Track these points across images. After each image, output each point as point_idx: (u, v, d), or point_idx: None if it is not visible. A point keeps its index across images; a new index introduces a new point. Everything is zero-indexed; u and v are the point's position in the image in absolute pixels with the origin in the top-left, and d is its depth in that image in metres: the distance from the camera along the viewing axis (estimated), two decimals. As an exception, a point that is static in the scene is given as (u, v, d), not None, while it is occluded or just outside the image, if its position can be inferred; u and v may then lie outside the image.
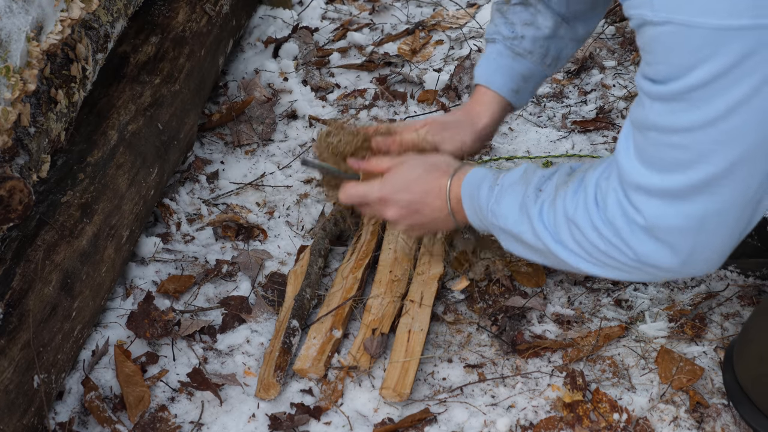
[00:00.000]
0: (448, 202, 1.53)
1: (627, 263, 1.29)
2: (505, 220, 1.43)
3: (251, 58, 2.59)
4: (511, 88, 1.72)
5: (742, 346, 1.49)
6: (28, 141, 1.58)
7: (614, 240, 1.28)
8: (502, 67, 1.71)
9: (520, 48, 1.70)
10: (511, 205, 1.43)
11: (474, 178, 1.51)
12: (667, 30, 1.11)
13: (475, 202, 1.49)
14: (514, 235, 1.43)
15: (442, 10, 2.75)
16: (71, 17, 1.63)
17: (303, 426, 1.63)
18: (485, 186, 1.48)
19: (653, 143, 1.20)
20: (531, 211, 1.39)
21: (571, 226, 1.33)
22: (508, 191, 1.44)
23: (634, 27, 1.18)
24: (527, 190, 1.41)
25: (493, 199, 1.45)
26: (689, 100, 1.13)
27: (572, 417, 1.58)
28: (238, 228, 2.05)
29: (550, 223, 1.36)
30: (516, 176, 1.45)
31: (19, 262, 1.59)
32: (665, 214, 1.22)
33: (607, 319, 1.77)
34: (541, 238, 1.38)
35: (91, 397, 1.66)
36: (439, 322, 1.80)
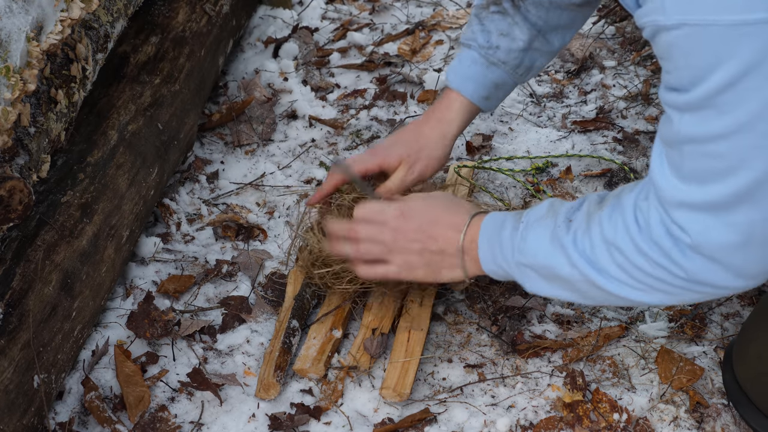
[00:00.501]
0: (462, 238, 1.50)
1: (677, 284, 1.25)
2: (535, 255, 1.39)
3: (251, 58, 2.59)
4: (482, 95, 1.74)
5: (741, 346, 1.49)
6: (28, 141, 1.58)
7: (662, 261, 1.23)
8: (476, 74, 1.72)
9: (494, 57, 1.71)
10: (541, 239, 1.38)
11: (494, 220, 1.48)
12: (683, 33, 1.09)
13: (494, 243, 1.45)
14: (545, 270, 1.39)
15: (442, 10, 2.75)
16: (71, 17, 1.63)
17: (303, 426, 1.63)
18: (508, 226, 1.44)
19: (689, 156, 1.16)
20: (564, 241, 1.34)
21: (612, 250, 1.28)
22: (534, 226, 1.40)
23: (649, 37, 1.15)
24: (557, 221, 1.37)
25: (519, 236, 1.41)
26: (718, 105, 1.10)
27: (572, 417, 1.59)
28: (238, 228, 2.05)
29: (587, 250, 1.32)
30: (542, 211, 1.41)
31: (19, 262, 1.59)
32: (711, 228, 1.18)
33: (607, 319, 1.77)
34: (579, 267, 1.33)
35: (91, 397, 1.66)
36: (439, 322, 1.80)
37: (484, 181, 2.12)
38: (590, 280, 1.33)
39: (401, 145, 1.73)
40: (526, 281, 1.43)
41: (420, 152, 1.72)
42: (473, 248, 1.49)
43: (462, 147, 2.22)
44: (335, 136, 2.31)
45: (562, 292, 1.41)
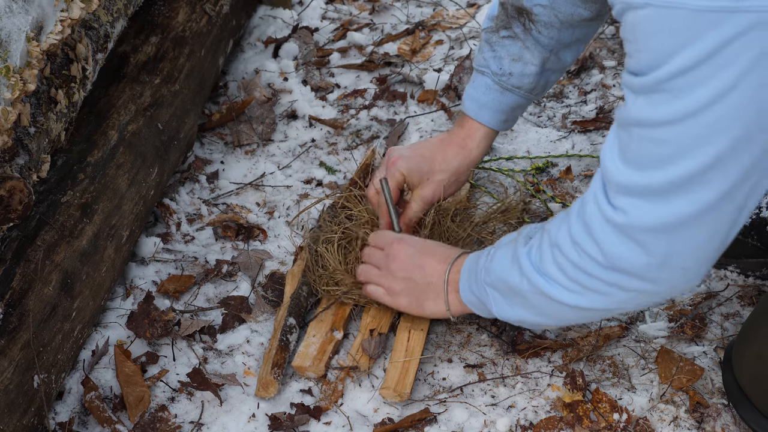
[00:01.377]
0: (448, 271, 1.58)
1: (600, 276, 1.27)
2: (496, 272, 1.46)
3: (251, 58, 2.59)
4: (500, 120, 1.76)
5: (740, 347, 1.49)
6: (28, 141, 1.58)
7: (585, 244, 1.26)
8: (492, 102, 1.74)
9: (508, 84, 1.72)
10: (503, 257, 1.46)
11: (477, 253, 1.56)
12: (648, 13, 1.08)
13: (472, 270, 1.53)
14: (502, 284, 1.45)
15: (442, 10, 2.75)
16: (71, 17, 1.63)
17: (303, 426, 1.63)
18: (483, 255, 1.52)
19: (636, 139, 1.17)
20: (519, 253, 1.41)
21: (554, 251, 1.33)
22: (502, 248, 1.48)
23: (617, 16, 1.15)
24: (518, 241, 1.45)
25: (489, 258, 1.49)
26: (670, 90, 1.10)
27: (572, 417, 1.59)
28: (238, 228, 2.05)
29: (536, 258, 1.37)
30: (512, 236, 1.50)
31: (19, 262, 1.59)
32: (644, 213, 1.19)
33: (607, 319, 1.77)
34: (527, 275, 1.38)
35: (91, 397, 1.66)
36: (439, 321, 1.80)
37: (484, 181, 2.12)
38: (537, 288, 1.38)
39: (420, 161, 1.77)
40: (491, 303, 1.50)
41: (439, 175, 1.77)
42: (456, 279, 1.57)
43: (462, 147, 2.22)
44: (335, 136, 2.31)
45: (521, 311, 1.47)
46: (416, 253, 1.63)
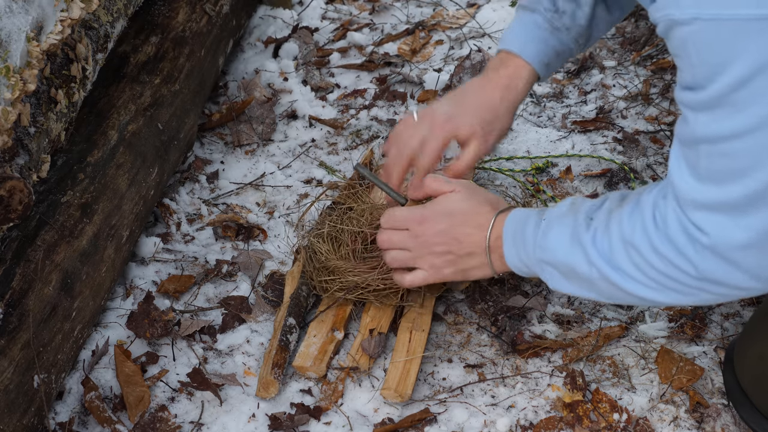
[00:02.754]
0: (488, 238, 1.49)
1: (691, 284, 1.24)
2: (554, 252, 1.39)
3: (251, 58, 2.59)
4: (543, 61, 1.67)
5: (742, 347, 1.49)
6: (28, 141, 1.58)
7: (676, 259, 1.23)
8: (539, 40, 1.65)
9: (559, 22, 1.65)
10: (561, 236, 1.38)
11: (518, 217, 1.47)
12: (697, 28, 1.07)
13: (518, 240, 1.45)
14: (565, 267, 1.39)
15: (442, 10, 2.75)
16: (71, 17, 1.63)
17: (303, 426, 1.63)
18: (530, 223, 1.43)
19: (705, 156, 1.15)
20: (583, 239, 1.34)
21: (628, 249, 1.28)
22: (555, 223, 1.40)
23: (663, 33, 1.13)
24: (577, 219, 1.37)
25: (540, 233, 1.41)
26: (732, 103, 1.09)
27: (572, 417, 1.59)
28: (238, 228, 2.05)
29: (605, 248, 1.31)
30: (563, 208, 1.41)
31: (19, 262, 1.59)
32: (726, 228, 1.16)
33: (607, 319, 1.77)
34: (597, 266, 1.33)
35: (91, 397, 1.66)
36: (439, 322, 1.80)
37: (484, 181, 2.12)
38: (607, 279, 1.33)
39: (471, 115, 1.65)
40: (548, 278, 1.44)
41: (493, 124, 1.65)
42: (499, 245, 1.49)
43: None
44: (335, 136, 2.31)
45: (582, 291, 1.41)
46: (446, 227, 1.53)
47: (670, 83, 2.31)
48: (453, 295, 1.84)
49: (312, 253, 1.85)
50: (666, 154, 2.12)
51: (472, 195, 1.55)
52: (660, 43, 2.44)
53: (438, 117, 1.66)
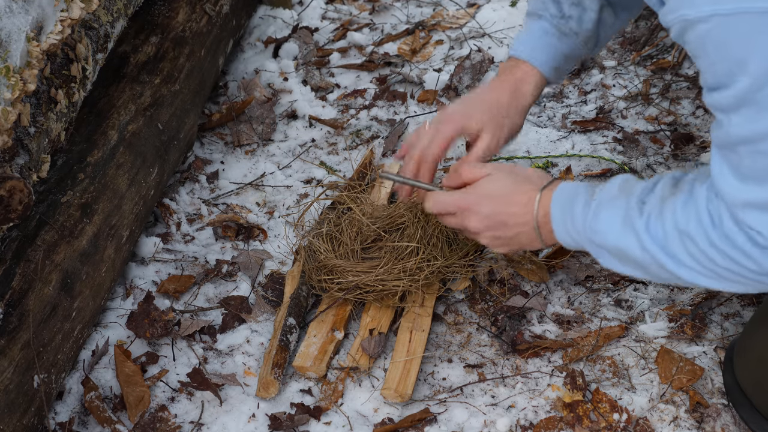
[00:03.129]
0: (535, 217, 1.47)
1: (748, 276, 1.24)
2: (605, 235, 1.38)
3: (251, 58, 2.59)
4: (553, 66, 1.68)
5: (742, 348, 1.49)
6: (28, 141, 1.58)
7: (735, 255, 1.22)
8: (547, 45, 1.67)
9: (566, 28, 1.66)
10: (612, 220, 1.37)
11: (565, 193, 1.45)
12: (715, 24, 1.06)
13: (567, 217, 1.43)
14: (617, 251, 1.38)
15: (442, 10, 2.75)
16: (71, 17, 1.63)
17: (303, 426, 1.63)
18: (579, 201, 1.42)
19: (745, 156, 1.15)
20: (636, 224, 1.33)
21: (684, 239, 1.27)
22: (606, 206, 1.38)
23: (677, 36, 1.12)
24: (629, 203, 1.35)
25: (591, 214, 1.39)
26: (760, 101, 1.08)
27: (572, 417, 1.59)
28: (238, 228, 2.05)
29: (659, 235, 1.31)
30: (614, 190, 1.39)
31: (19, 262, 1.59)
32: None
33: (607, 319, 1.77)
34: (650, 252, 1.32)
35: (91, 397, 1.66)
36: (439, 322, 1.80)
37: (484, 181, 2.12)
38: (661, 265, 1.32)
39: (481, 110, 1.66)
40: (599, 258, 1.43)
41: (503, 120, 1.66)
42: (547, 221, 1.47)
43: (462, 147, 2.22)
44: (335, 136, 2.31)
45: (634, 272, 1.40)
46: (491, 213, 1.52)
47: (670, 83, 2.31)
48: (453, 295, 1.84)
49: (311, 252, 1.86)
50: (666, 154, 2.12)
51: (510, 174, 1.54)
52: (660, 43, 2.44)
53: (447, 112, 1.67)
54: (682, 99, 2.27)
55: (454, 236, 1.87)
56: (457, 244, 1.86)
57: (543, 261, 1.87)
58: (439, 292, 1.82)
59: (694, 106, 2.24)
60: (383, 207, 1.95)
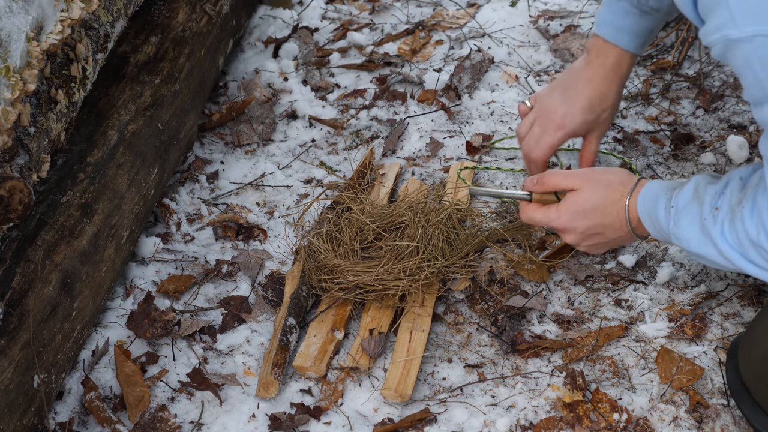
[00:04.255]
0: (628, 223, 1.54)
1: None
2: (689, 243, 1.43)
3: (251, 58, 2.59)
4: (639, 43, 1.76)
5: (747, 345, 1.49)
6: (28, 141, 1.58)
7: None
8: (632, 25, 1.74)
9: (646, 6, 1.72)
10: (691, 228, 1.41)
11: (648, 198, 1.50)
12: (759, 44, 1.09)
13: (654, 221, 1.49)
14: (699, 257, 1.44)
15: (442, 10, 2.75)
16: (71, 17, 1.63)
17: (303, 426, 1.63)
18: (661, 207, 1.47)
19: None
20: (713, 233, 1.37)
21: (758, 249, 1.32)
22: (684, 213, 1.43)
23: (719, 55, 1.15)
24: (703, 211, 1.40)
25: (672, 222, 1.44)
26: None
27: (572, 417, 1.59)
28: (238, 228, 2.05)
29: (735, 242, 1.35)
30: (688, 195, 1.43)
31: (19, 262, 1.59)
32: None
33: (607, 319, 1.77)
34: (731, 259, 1.37)
35: (91, 397, 1.66)
36: (439, 322, 1.80)
37: (484, 182, 2.12)
38: (741, 269, 1.37)
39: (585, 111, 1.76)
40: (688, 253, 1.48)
41: (606, 111, 1.75)
42: (640, 224, 1.53)
43: (462, 147, 2.22)
44: (335, 136, 2.31)
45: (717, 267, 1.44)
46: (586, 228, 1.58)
47: (670, 83, 2.31)
48: (453, 295, 1.84)
49: (311, 252, 1.86)
50: (666, 154, 2.12)
51: (597, 185, 1.58)
52: (660, 43, 2.44)
53: (552, 117, 1.78)
54: (682, 99, 2.27)
55: (455, 236, 1.87)
56: (458, 244, 1.86)
57: (543, 261, 1.87)
58: (439, 292, 1.82)
59: (694, 106, 2.24)
60: (383, 206, 1.95)
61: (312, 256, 1.86)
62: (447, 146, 2.23)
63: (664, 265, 1.84)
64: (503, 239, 1.91)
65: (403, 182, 2.14)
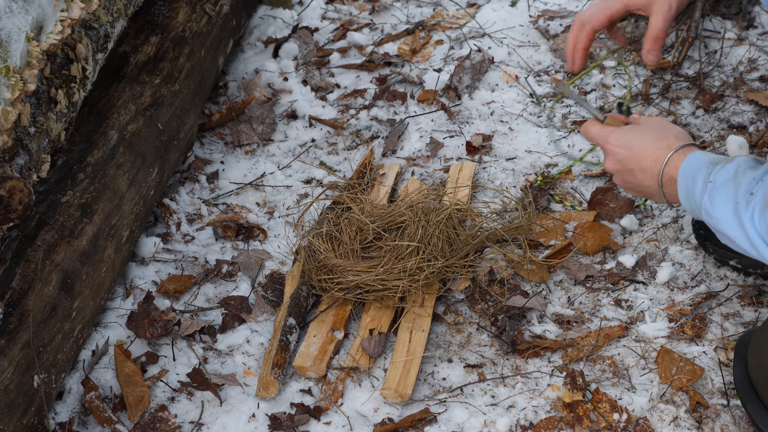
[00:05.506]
0: (660, 177, 1.54)
1: None
2: (718, 221, 1.44)
3: (251, 58, 2.59)
4: None
5: (758, 345, 1.48)
6: (28, 141, 1.58)
7: None
8: None
9: None
10: (724, 207, 1.43)
11: (691, 167, 1.50)
12: None
13: (690, 190, 1.49)
14: (727, 237, 1.44)
15: (442, 10, 2.75)
16: (71, 17, 1.63)
17: (303, 426, 1.63)
18: (700, 178, 1.47)
19: None
20: (743, 217, 1.39)
21: None
22: (720, 191, 1.43)
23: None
24: (738, 193, 1.41)
25: (707, 196, 1.45)
26: None
27: (572, 417, 1.59)
28: (238, 228, 2.05)
29: (764, 231, 1.37)
30: (728, 174, 1.44)
31: (19, 262, 1.59)
32: None
33: (607, 319, 1.77)
34: (756, 246, 1.38)
35: (91, 397, 1.66)
36: (439, 322, 1.80)
37: (484, 182, 2.12)
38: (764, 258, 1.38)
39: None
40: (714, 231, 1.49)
41: None
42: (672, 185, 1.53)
43: (462, 147, 2.22)
44: (335, 136, 2.31)
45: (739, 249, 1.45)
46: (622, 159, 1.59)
47: (670, 83, 2.31)
48: (453, 295, 1.84)
49: (311, 252, 1.86)
50: (666, 154, 2.12)
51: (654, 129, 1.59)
52: (660, 43, 2.44)
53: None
54: (682, 99, 2.27)
55: (455, 236, 1.87)
56: (458, 244, 1.86)
57: (543, 261, 1.87)
58: (439, 292, 1.82)
59: (694, 106, 2.24)
60: (383, 206, 1.95)
61: (312, 256, 1.86)
62: (447, 146, 2.23)
63: (664, 265, 1.84)
64: (503, 239, 1.91)
65: (403, 182, 2.14)
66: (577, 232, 1.92)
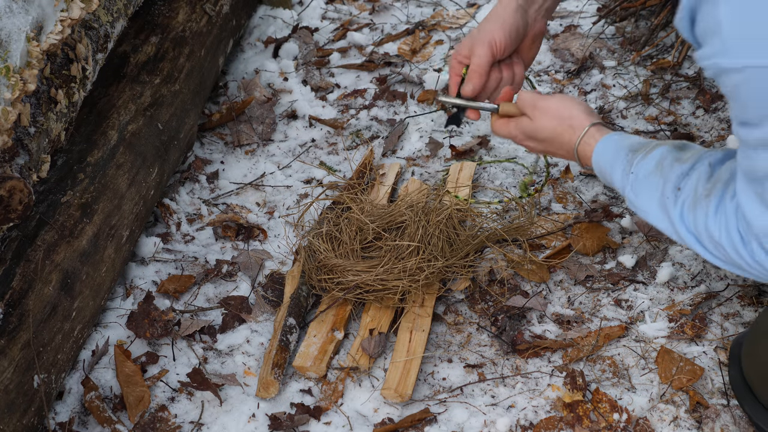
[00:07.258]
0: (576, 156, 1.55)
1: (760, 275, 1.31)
2: (646, 214, 1.44)
3: (251, 58, 2.59)
4: None
5: (751, 344, 1.49)
6: (28, 141, 1.58)
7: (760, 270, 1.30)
8: None
9: None
10: (650, 200, 1.43)
11: (607, 153, 1.50)
12: (748, 75, 1.13)
13: (608, 177, 1.50)
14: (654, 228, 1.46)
15: (442, 10, 2.75)
16: (71, 17, 1.63)
17: (303, 426, 1.63)
18: (618, 167, 1.47)
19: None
20: (671, 213, 1.39)
21: (716, 246, 1.34)
22: (644, 184, 1.44)
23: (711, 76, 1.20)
24: (666, 188, 1.41)
25: (629, 188, 1.46)
26: None
27: (572, 417, 1.59)
28: (238, 228, 2.05)
29: (692, 226, 1.37)
30: (651, 166, 1.44)
31: (19, 262, 1.59)
32: None
33: (607, 319, 1.77)
34: (684, 239, 1.39)
35: (91, 397, 1.66)
36: (439, 322, 1.80)
37: (484, 181, 2.12)
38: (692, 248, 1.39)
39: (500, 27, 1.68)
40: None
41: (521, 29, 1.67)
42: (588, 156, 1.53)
43: (462, 147, 2.22)
44: (335, 136, 2.31)
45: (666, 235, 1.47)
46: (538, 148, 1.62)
47: (670, 83, 2.31)
48: (453, 295, 1.84)
49: (311, 252, 1.86)
50: (666, 154, 2.12)
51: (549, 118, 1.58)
52: (660, 43, 2.44)
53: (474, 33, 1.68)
54: (682, 99, 2.27)
55: (455, 236, 1.87)
56: (458, 244, 1.86)
57: (543, 261, 1.87)
58: (439, 292, 1.82)
59: (694, 106, 2.24)
60: (383, 206, 1.95)
61: (312, 256, 1.86)
62: (447, 146, 2.23)
63: (664, 265, 1.84)
64: (503, 239, 1.91)
65: (403, 182, 2.14)
66: (575, 234, 1.93)
